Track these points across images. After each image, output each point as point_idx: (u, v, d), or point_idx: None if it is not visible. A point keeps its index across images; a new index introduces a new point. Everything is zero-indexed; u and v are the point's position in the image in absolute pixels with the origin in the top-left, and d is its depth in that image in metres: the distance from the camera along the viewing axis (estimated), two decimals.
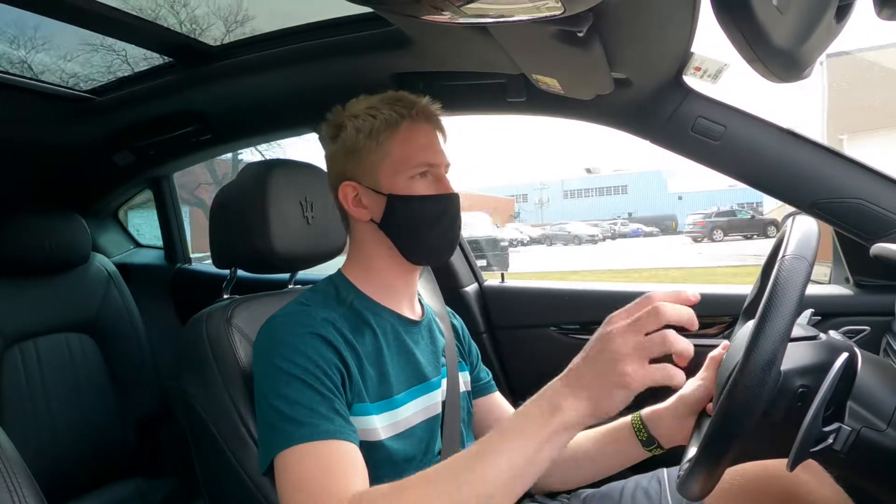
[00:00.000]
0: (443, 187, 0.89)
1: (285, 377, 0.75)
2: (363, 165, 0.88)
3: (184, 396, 0.93)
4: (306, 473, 0.69)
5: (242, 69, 1.40)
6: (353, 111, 0.90)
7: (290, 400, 0.73)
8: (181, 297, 2.19)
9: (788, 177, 1.16)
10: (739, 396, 0.55)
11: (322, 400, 0.74)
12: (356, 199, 0.89)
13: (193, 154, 1.95)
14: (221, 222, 1.06)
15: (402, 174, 0.87)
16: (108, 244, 2.26)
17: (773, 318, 0.56)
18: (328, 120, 0.92)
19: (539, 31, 0.83)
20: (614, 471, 0.99)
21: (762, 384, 0.54)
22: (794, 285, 0.57)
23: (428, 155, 0.88)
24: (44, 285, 1.72)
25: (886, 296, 1.14)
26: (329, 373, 0.77)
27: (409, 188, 0.87)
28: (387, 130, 0.87)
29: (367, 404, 0.81)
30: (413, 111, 0.89)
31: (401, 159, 0.87)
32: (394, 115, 0.88)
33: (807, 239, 0.63)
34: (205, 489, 0.96)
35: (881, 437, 0.59)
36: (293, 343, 0.78)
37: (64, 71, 1.60)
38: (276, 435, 0.72)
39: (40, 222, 1.69)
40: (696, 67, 1.10)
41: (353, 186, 0.89)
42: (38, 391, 1.66)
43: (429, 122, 0.91)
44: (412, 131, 0.88)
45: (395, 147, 0.87)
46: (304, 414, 0.72)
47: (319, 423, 0.72)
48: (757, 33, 0.53)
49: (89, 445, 1.72)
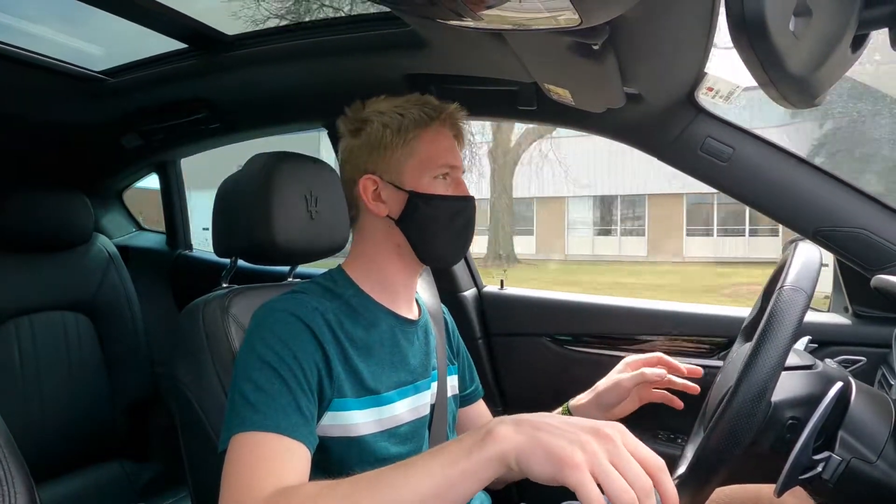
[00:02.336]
0: (462, 190, 0.91)
1: (259, 363, 0.75)
2: (387, 161, 0.88)
3: (175, 382, 0.93)
4: (241, 461, 0.69)
5: (256, 60, 1.40)
6: (378, 108, 0.91)
7: (257, 386, 0.73)
8: (180, 283, 2.19)
9: (793, 203, 1.16)
10: (726, 427, 0.55)
11: (287, 393, 0.73)
12: (375, 193, 0.89)
13: (201, 141, 1.95)
14: (225, 211, 1.06)
15: (427, 173, 0.88)
16: (111, 225, 2.26)
17: (766, 350, 0.56)
18: (348, 115, 0.93)
19: (554, 42, 0.83)
20: None
21: (751, 416, 0.55)
22: (790, 319, 0.57)
23: (451, 157, 0.90)
24: (44, 262, 1.72)
25: (884, 328, 1.14)
26: (305, 367, 0.76)
27: (430, 187, 0.88)
28: (416, 129, 0.88)
29: (347, 399, 0.81)
30: (442, 114, 0.90)
31: (426, 158, 0.88)
32: (423, 115, 0.89)
33: (807, 270, 0.64)
34: (189, 475, 0.96)
35: (871, 468, 0.59)
36: (277, 331, 0.78)
37: (79, 50, 1.60)
38: (234, 417, 0.72)
39: (45, 199, 1.69)
40: (709, 88, 1.10)
41: (374, 181, 0.89)
42: (30, 368, 1.66)
43: (452, 129, 0.92)
44: (439, 133, 0.90)
45: (422, 146, 0.88)
46: (263, 402, 0.72)
47: (273, 415, 0.71)
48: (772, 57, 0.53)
49: (77, 425, 1.72)
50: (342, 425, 0.80)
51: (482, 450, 0.55)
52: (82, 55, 1.61)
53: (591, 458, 0.50)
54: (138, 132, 1.81)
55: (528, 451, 0.53)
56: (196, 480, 0.96)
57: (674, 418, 1.35)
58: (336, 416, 0.80)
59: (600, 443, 0.52)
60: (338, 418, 0.80)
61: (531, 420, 0.56)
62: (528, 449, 0.53)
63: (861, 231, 1.11)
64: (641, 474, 0.50)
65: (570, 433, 0.53)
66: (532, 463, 0.53)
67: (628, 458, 0.51)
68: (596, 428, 0.54)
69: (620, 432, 0.54)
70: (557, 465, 0.51)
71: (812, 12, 0.52)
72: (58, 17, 1.46)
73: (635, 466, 0.51)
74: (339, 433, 0.80)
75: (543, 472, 0.52)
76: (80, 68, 1.55)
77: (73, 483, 1.67)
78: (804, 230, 1.15)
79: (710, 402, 0.76)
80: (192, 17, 1.30)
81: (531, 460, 0.53)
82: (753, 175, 1.18)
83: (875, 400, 0.66)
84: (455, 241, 0.92)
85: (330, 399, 0.80)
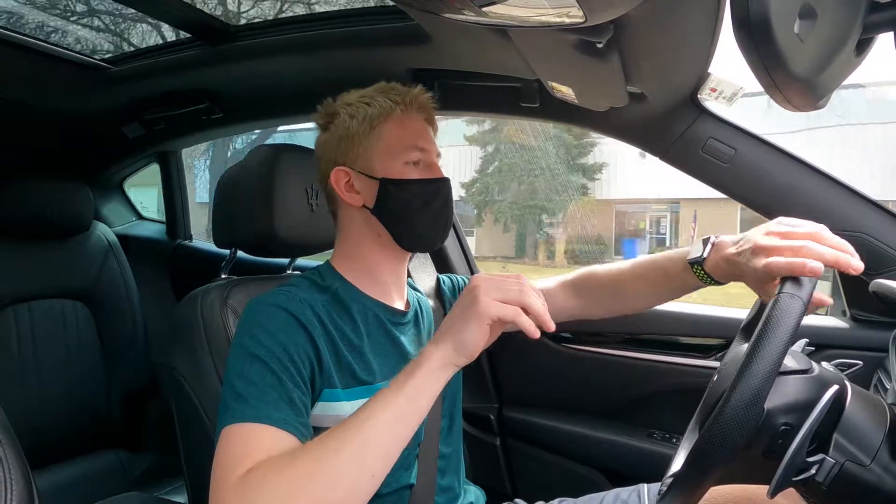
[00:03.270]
0: (435, 172, 0.91)
1: (249, 357, 0.75)
2: (356, 150, 0.88)
3: (172, 372, 0.94)
4: (228, 452, 0.68)
5: (259, 51, 1.40)
6: (346, 101, 0.91)
7: (248, 380, 0.73)
8: (179, 273, 2.19)
9: (794, 205, 1.16)
10: (719, 432, 0.56)
11: (278, 386, 0.73)
12: (348, 184, 0.89)
13: (204, 132, 1.95)
14: (225, 202, 1.06)
15: (396, 159, 0.87)
16: (111, 214, 2.26)
17: (760, 357, 0.56)
18: (319, 110, 0.93)
19: (558, 39, 0.83)
20: (657, 301, 1.05)
21: (743, 422, 0.55)
22: (786, 325, 0.58)
23: (420, 140, 0.89)
24: (43, 250, 1.72)
25: (882, 332, 1.14)
26: (296, 360, 0.76)
27: (402, 173, 0.88)
28: (381, 117, 0.88)
29: (337, 390, 0.81)
30: (407, 99, 0.90)
31: (395, 143, 0.88)
32: (388, 102, 0.89)
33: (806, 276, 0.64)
34: (185, 464, 0.96)
35: (864, 471, 0.59)
36: (267, 325, 0.78)
37: (83, 38, 1.60)
38: (226, 411, 0.72)
39: (45, 187, 1.69)
40: (712, 88, 1.10)
41: (346, 172, 0.89)
42: (28, 355, 1.66)
43: (421, 112, 0.92)
44: (406, 118, 0.89)
45: (389, 132, 0.88)
46: (254, 395, 0.71)
47: (264, 408, 0.71)
48: (776, 59, 0.53)
49: (74, 413, 1.72)
50: (335, 416, 0.80)
51: (420, 366, 0.69)
52: (85, 43, 1.60)
53: (490, 293, 0.68)
54: (140, 121, 1.81)
55: (457, 347, 0.69)
56: (191, 470, 0.96)
57: (669, 418, 1.36)
58: (327, 407, 0.80)
59: (485, 283, 0.70)
60: (329, 409, 0.80)
61: (444, 329, 0.71)
62: (456, 347, 0.69)
63: (861, 235, 1.11)
64: (524, 283, 0.70)
65: (464, 306, 0.70)
66: (469, 345, 0.69)
67: (509, 280, 0.70)
68: (473, 284, 0.71)
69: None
70: (476, 322, 0.68)
71: (817, 15, 0.52)
72: (61, 3, 1.45)
73: (515, 283, 0.70)
74: (332, 423, 0.80)
75: (480, 341, 0.69)
76: (83, 56, 1.55)
77: (69, 470, 1.68)
78: None
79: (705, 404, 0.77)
80: (195, 7, 1.30)
81: (467, 346, 0.69)
82: (755, 177, 1.18)
83: (870, 404, 0.66)
84: (433, 224, 0.91)
85: (320, 390, 0.80)
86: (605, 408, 1.44)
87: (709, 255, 0.88)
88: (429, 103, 0.93)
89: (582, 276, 1.08)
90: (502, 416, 1.54)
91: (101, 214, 2.15)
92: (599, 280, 1.06)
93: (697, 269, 0.89)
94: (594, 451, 1.38)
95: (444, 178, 0.91)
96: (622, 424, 1.40)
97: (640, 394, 1.38)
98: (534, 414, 1.50)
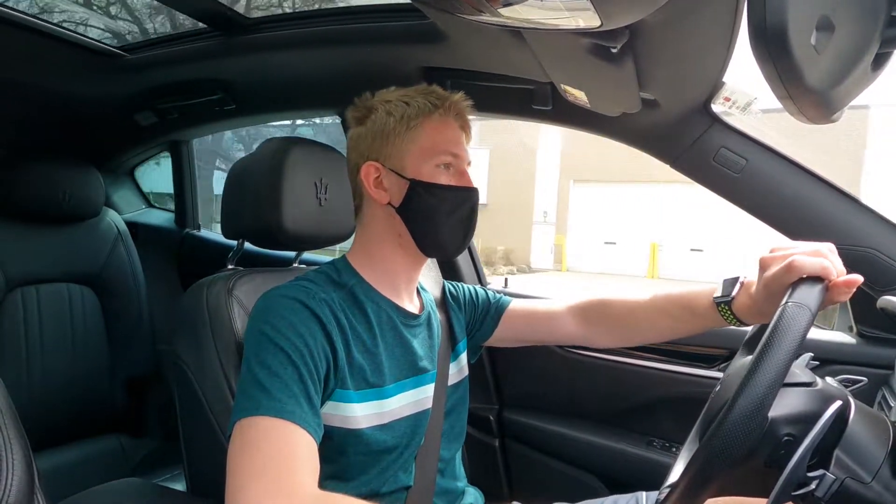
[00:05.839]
0: (465, 181, 0.90)
1: (273, 347, 0.75)
2: (390, 148, 0.88)
3: (176, 360, 0.94)
4: (263, 451, 0.67)
5: (274, 44, 1.40)
6: (385, 98, 0.91)
7: (271, 371, 0.73)
8: (186, 262, 2.20)
9: (804, 218, 1.15)
10: (721, 441, 0.55)
11: (299, 380, 0.73)
12: (377, 180, 0.89)
13: (216, 122, 1.95)
14: (235, 193, 1.06)
15: (429, 162, 0.87)
16: (121, 201, 2.27)
17: (765, 366, 0.55)
18: (356, 103, 0.93)
19: (573, 42, 0.83)
20: (673, 336, 1.01)
21: (746, 432, 0.54)
22: (793, 336, 0.57)
23: (454, 147, 0.89)
24: (53, 234, 1.74)
25: (888, 349, 1.13)
26: (315, 355, 0.76)
27: (432, 176, 0.88)
28: (419, 118, 0.88)
29: (349, 392, 0.81)
30: (446, 103, 0.90)
31: (429, 147, 0.88)
32: (427, 104, 0.89)
33: (812, 286, 0.63)
34: (185, 452, 0.96)
35: (864, 489, 0.59)
36: (288, 317, 0.78)
37: (99, 25, 1.61)
38: (247, 401, 0.71)
39: (58, 172, 1.70)
40: (726, 97, 1.09)
41: (377, 168, 0.89)
42: (34, 338, 1.67)
43: (458, 119, 0.92)
44: (443, 122, 0.89)
45: (425, 134, 0.88)
46: (278, 388, 0.71)
47: (287, 402, 0.71)
48: (791, 71, 0.52)
49: (77, 396, 1.74)
50: (342, 416, 0.80)
51: None
52: (101, 29, 1.61)
53: None
54: (153, 110, 1.82)
55: None
56: (191, 457, 0.96)
57: (669, 427, 1.35)
58: (337, 407, 0.80)
59: None
60: (338, 409, 0.80)
61: None
62: None
63: (870, 251, 1.10)
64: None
65: None
66: None
67: None
68: None
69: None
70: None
71: (835, 27, 0.52)
72: None
73: None
74: (339, 423, 0.80)
75: None
76: (99, 42, 1.56)
77: (69, 453, 1.69)
78: None
79: (706, 414, 0.76)
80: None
81: None
82: (766, 188, 1.17)
83: (873, 421, 0.65)
84: (456, 232, 0.91)
85: (333, 389, 0.80)
86: (605, 414, 1.43)
87: (737, 294, 0.86)
88: (466, 110, 0.93)
89: (593, 304, 1.05)
90: (502, 418, 1.53)
91: (111, 201, 2.16)
92: (614, 310, 1.04)
93: (724, 309, 0.87)
94: (593, 456, 1.38)
95: (473, 187, 0.91)
96: (622, 431, 1.39)
97: (641, 401, 1.38)
98: (534, 417, 1.49)
